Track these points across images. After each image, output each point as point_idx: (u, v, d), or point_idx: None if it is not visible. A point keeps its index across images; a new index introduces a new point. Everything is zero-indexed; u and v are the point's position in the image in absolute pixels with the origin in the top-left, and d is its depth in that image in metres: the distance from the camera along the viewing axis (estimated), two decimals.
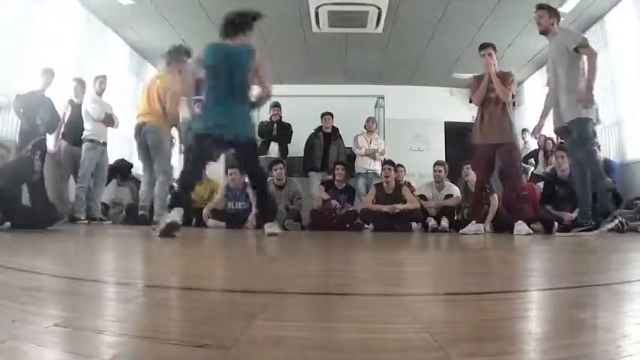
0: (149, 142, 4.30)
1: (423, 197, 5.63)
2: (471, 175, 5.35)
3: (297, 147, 6.64)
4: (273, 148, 6.47)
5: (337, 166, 5.83)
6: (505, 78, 4.29)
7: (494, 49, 4.42)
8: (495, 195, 5.14)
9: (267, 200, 3.39)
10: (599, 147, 5.26)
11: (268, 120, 6.66)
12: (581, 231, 3.67)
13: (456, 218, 5.51)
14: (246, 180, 4.98)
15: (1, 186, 3.22)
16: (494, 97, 4.23)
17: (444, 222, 5.30)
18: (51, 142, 4.95)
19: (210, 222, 5.58)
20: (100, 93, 5.26)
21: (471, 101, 5.53)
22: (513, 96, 4.32)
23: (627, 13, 5.40)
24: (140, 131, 4.33)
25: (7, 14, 4.40)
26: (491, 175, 4.57)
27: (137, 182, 6.38)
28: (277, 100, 6.62)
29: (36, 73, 4.63)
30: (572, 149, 3.94)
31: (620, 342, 0.53)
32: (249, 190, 5.49)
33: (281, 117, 6.57)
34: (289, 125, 6.59)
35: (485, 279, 1.22)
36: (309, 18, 6.21)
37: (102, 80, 5.26)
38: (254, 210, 5.52)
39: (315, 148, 6.47)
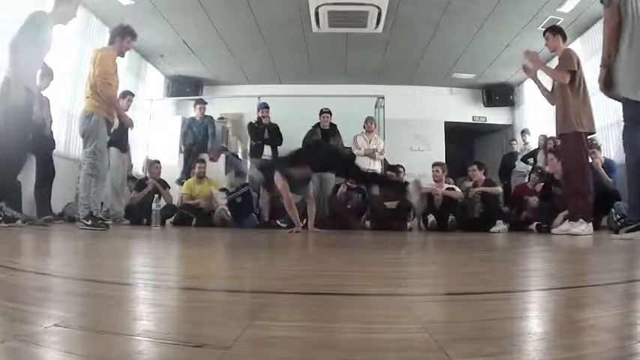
0: (79, 130, 3.90)
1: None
2: (477, 175, 5.51)
3: (296, 146, 6.71)
4: (266, 151, 6.51)
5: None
6: (561, 60, 3.97)
7: (554, 31, 4.12)
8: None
9: None
10: (598, 147, 5.26)
11: (257, 121, 6.65)
12: (628, 231, 3.01)
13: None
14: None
15: None
16: (556, 84, 4.03)
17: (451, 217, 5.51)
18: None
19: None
20: None
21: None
22: (574, 72, 3.83)
23: None
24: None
25: (6, 14, 4.39)
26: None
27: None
28: (277, 99, 6.62)
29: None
30: None
31: (621, 342, 0.53)
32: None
33: (269, 119, 6.61)
34: (277, 127, 6.62)
35: (485, 279, 1.22)
36: (309, 18, 6.21)
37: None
38: (220, 206, 5.70)
39: None
